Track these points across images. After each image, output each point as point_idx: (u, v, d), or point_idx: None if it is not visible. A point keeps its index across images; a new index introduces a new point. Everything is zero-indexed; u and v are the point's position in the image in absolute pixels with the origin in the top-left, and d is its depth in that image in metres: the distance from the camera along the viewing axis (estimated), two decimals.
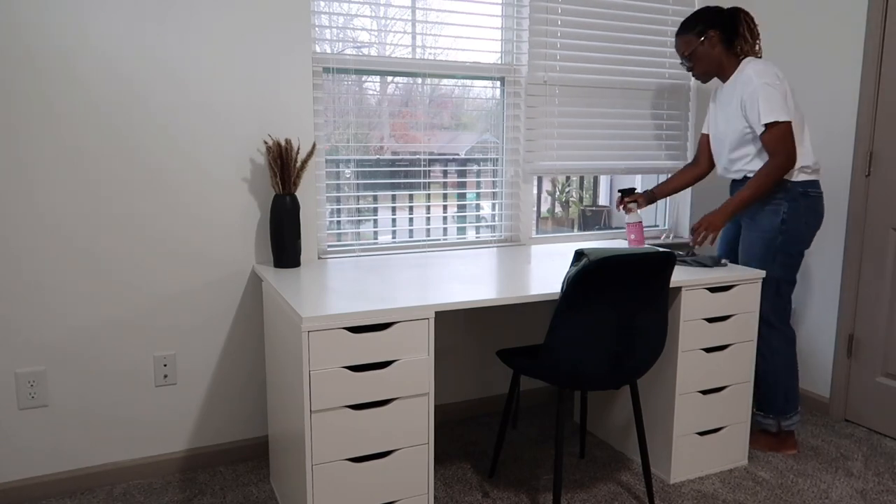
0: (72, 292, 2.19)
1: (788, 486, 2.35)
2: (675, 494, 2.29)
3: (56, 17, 2.05)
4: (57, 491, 2.24)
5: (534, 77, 2.82)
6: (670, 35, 3.08)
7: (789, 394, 2.53)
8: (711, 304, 2.30)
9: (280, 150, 2.24)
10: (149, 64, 2.18)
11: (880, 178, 2.72)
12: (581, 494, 2.28)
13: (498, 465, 2.48)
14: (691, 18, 2.50)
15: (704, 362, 2.33)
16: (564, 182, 3.91)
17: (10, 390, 2.15)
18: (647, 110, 3.10)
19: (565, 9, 2.84)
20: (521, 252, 2.73)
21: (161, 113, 2.22)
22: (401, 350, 1.83)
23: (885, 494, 2.30)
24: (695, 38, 2.48)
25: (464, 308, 1.89)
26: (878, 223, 2.73)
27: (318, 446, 1.77)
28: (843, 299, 2.86)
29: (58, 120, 2.10)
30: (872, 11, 2.68)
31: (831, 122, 2.88)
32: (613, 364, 1.99)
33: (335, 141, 2.55)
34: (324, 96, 2.47)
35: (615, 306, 1.93)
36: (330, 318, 1.73)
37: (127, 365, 2.29)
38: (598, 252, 1.88)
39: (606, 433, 2.68)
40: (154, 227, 2.27)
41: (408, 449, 1.88)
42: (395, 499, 1.89)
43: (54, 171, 2.12)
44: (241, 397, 2.47)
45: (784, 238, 2.42)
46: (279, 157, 2.24)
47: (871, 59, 2.70)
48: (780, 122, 2.29)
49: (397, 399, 1.84)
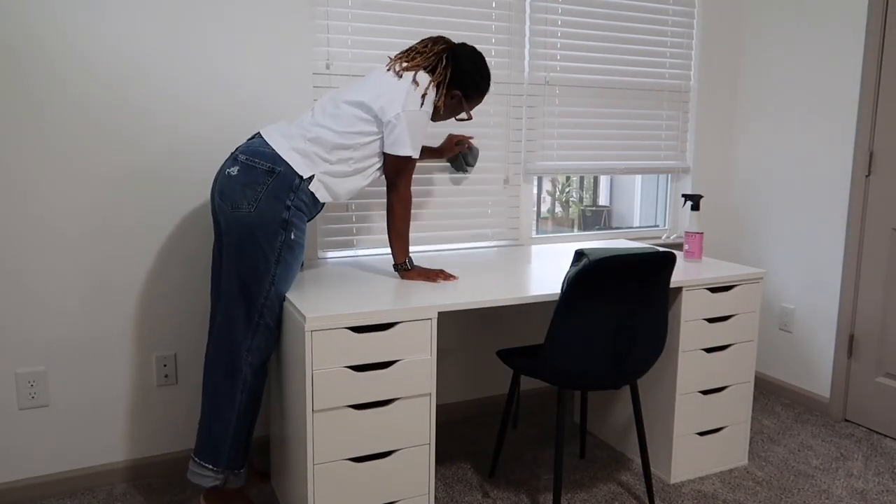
0: (72, 292, 2.19)
1: (788, 486, 2.35)
2: (675, 494, 2.29)
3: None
4: (57, 491, 2.23)
5: (534, 77, 2.82)
6: (670, 35, 3.09)
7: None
8: (712, 304, 2.30)
9: None
10: (150, 69, 2.18)
11: (880, 178, 2.72)
12: (581, 494, 2.29)
13: (498, 465, 2.48)
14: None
15: (705, 362, 2.33)
16: (564, 182, 3.92)
17: (10, 390, 2.15)
18: (647, 110, 3.10)
19: (565, 9, 2.84)
20: (521, 252, 2.73)
21: (163, 114, 2.22)
22: (403, 350, 1.83)
23: (885, 494, 2.31)
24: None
25: (465, 308, 1.89)
26: (878, 223, 2.73)
27: (320, 446, 1.77)
28: (843, 299, 2.87)
29: (57, 119, 2.10)
30: (872, 12, 2.68)
31: (831, 122, 2.88)
32: (613, 364, 1.99)
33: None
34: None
35: (615, 306, 1.93)
36: (333, 318, 1.72)
37: (127, 365, 2.29)
38: (598, 252, 1.88)
39: (606, 433, 2.68)
40: (154, 228, 2.27)
41: (409, 449, 1.88)
42: (395, 499, 1.89)
43: (54, 170, 2.12)
44: None
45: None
46: None
47: (871, 59, 2.70)
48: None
49: (399, 399, 1.84)
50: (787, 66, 3.05)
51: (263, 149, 1.91)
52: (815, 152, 2.96)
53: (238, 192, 1.86)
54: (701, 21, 3.14)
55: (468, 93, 2.14)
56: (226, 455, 1.96)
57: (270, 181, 1.87)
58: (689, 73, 3.18)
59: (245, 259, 1.86)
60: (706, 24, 3.15)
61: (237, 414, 1.95)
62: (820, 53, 2.91)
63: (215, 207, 1.97)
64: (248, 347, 1.91)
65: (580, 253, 1.91)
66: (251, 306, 1.89)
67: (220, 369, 1.94)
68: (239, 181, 1.87)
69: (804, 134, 3.00)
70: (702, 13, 3.13)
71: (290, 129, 1.97)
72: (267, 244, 1.86)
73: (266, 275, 1.87)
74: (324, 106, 2.01)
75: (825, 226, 2.93)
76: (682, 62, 3.15)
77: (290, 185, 1.89)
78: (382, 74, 2.04)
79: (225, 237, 1.90)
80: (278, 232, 1.87)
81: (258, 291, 1.88)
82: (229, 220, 1.87)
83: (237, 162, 1.91)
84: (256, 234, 1.85)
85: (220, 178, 1.93)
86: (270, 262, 1.87)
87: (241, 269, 1.87)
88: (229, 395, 1.94)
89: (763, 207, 3.22)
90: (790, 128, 3.06)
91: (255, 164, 1.88)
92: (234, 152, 1.96)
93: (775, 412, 2.99)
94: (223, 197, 1.89)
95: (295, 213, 1.90)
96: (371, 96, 1.97)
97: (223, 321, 1.92)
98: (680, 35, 3.12)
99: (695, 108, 3.20)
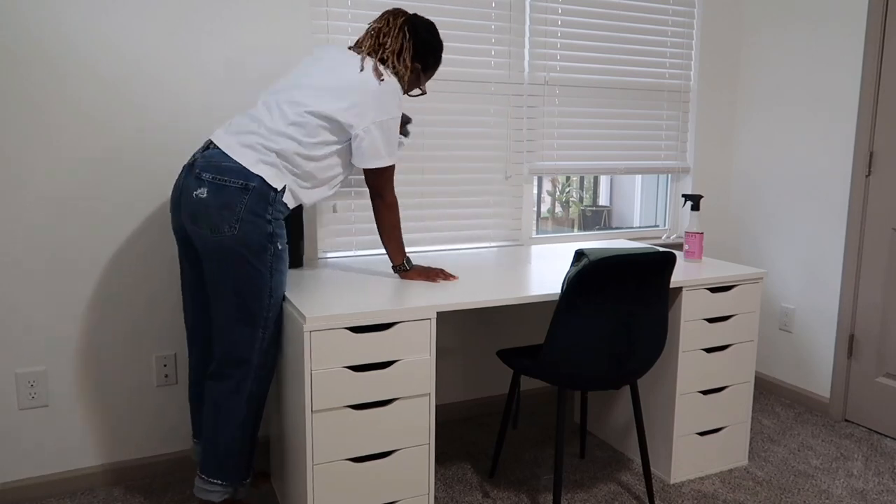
0: (72, 292, 2.19)
1: (788, 486, 2.35)
2: (675, 494, 2.29)
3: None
4: (57, 491, 2.23)
5: (534, 77, 2.82)
6: (670, 35, 3.09)
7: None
8: (712, 304, 2.30)
9: None
10: (150, 68, 2.18)
11: (880, 178, 2.72)
12: (581, 494, 2.28)
13: (498, 465, 2.48)
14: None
15: (705, 362, 2.33)
16: (564, 182, 3.92)
17: (10, 390, 2.15)
18: (647, 110, 3.10)
19: (565, 9, 2.84)
20: (521, 252, 2.73)
21: (160, 115, 2.22)
22: (402, 350, 1.83)
23: (885, 494, 2.30)
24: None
25: (465, 308, 1.89)
26: (878, 223, 2.73)
27: (319, 446, 1.77)
28: (843, 299, 2.86)
29: (57, 118, 2.10)
30: (872, 12, 2.68)
31: (831, 122, 2.88)
32: (614, 364, 1.99)
33: None
34: None
35: (615, 306, 1.93)
36: (332, 318, 1.72)
37: (127, 365, 2.29)
38: (598, 252, 1.88)
39: (606, 433, 2.68)
40: (155, 228, 2.27)
41: (408, 449, 1.88)
42: (395, 499, 1.89)
43: (53, 169, 2.12)
44: None
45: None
46: None
47: (871, 58, 2.70)
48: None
49: (398, 399, 1.84)
50: (787, 66, 3.05)
51: (228, 163, 1.81)
52: (815, 152, 2.96)
53: (215, 215, 1.78)
54: (701, 21, 3.14)
55: (427, 63, 2.09)
56: (234, 469, 1.94)
57: (247, 199, 1.79)
58: (689, 73, 3.18)
59: (239, 280, 1.82)
60: (706, 24, 3.15)
61: (243, 428, 1.93)
62: (820, 53, 2.91)
63: (186, 230, 1.90)
64: (257, 364, 1.89)
65: (580, 253, 1.91)
66: (255, 323, 1.86)
67: (224, 389, 1.90)
68: (213, 204, 1.78)
69: (804, 134, 3.00)
70: (702, 13, 3.13)
71: (249, 137, 1.85)
72: (258, 260, 1.82)
73: (264, 289, 1.85)
74: (281, 108, 1.88)
75: (825, 226, 2.93)
76: (682, 62, 3.15)
77: (267, 199, 1.82)
78: (346, 69, 1.92)
79: (209, 262, 1.84)
80: (266, 246, 1.83)
81: (259, 307, 1.85)
82: (211, 245, 1.81)
83: (203, 182, 1.80)
84: (245, 254, 1.80)
85: (187, 201, 1.82)
86: (265, 275, 1.84)
87: (237, 289, 1.82)
88: (234, 411, 1.91)
89: (763, 207, 3.22)
90: (790, 127, 3.06)
91: (225, 182, 1.79)
92: (192, 168, 1.85)
93: (775, 412, 2.99)
94: (197, 222, 1.81)
95: (277, 224, 1.86)
96: (338, 108, 1.88)
97: (226, 344, 1.87)
98: (680, 35, 3.12)
99: (695, 108, 3.20)
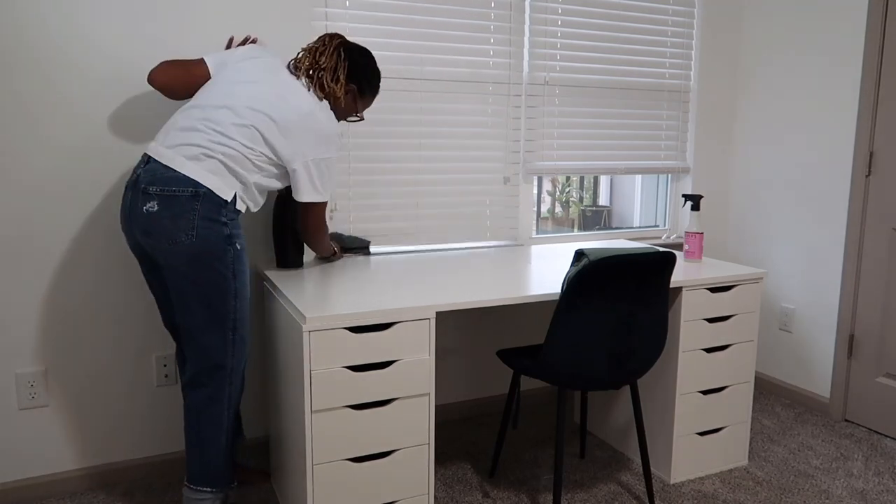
0: (72, 292, 2.19)
1: (788, 486, 2.35)
2: (675, 494, 2.29)
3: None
4: (57, 491, 2.23)
5: (533, 77, 2.82)
6: (670, 35, 3.09)
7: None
8: (712, 304, 2.30)
9: None
10: (146, 66, 2.19)
11: (880, 178, 2.72)
12: (581, 494, 2.28)
13: (498, 465, 2.48)
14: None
15: (705, 362, 2.33)
16: (564, 182, 3.92)
17: (10, 390, 2.15)
18: (647, 110, 3.10)
19: (565, 9, 2.84)
20: (521, 252, 2.73)
21: (157, 114, 2.22)
22: (402, 350, 1.83)
23: (885, 494, 2.30)
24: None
25: (464, 308, 1.89)
26: (878, 223, 2.73)
27: (319, 446, 1.77)
28: (843, 299, 2.86)
29: (55, 117, 2.10)
30: (872, 12, 2.68)
31: (831, 123, 2.88)
32: (613, 364, 1.99)
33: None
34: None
35: (615, 306, 1.93)
36: (331, 319, 1.73)
37: (127, 365, 2.29)
38: (598, 252, 1.88)
39: (606, 433, 2.68)
40: None
41: (408, 449, 1.88)
42: (395, 499, 1.89)
43: (53, 169, 2.12)
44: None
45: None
46: None
47: (871, 59, 2.70)
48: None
49: (398, 399, 1.84)
50: (787, 66, 3.05)
51: (172, 174, 1.78)
52: (815, 152, 2.96)
53: (169, 227, 1.77)
54: (701, 21, 3.14)
55: (362, 86, 2.10)
56: (222, 475, 1.97)
57: (199, 205, 1.78)
58: (689, 73, 3.18)
59: (203, 286, 1.83)
60: (706, 24, 3.15)
61: (225, 434, 1.95)
62: (820, 53, 2.91)
63: (142, 246, 1.89)
64: (231, 367, 1.91)
65: (580, 253, 1.91)
66: (224, 327, 1.87)
67: (202, 397, 1.91)
68: (165, 216, 1.77)
69: (804, 134, 3.00)
70: (702, 13, 3.13)
71: (192, 149, 1.81)
72: (219, 264, 1.83)
73: (229, 292, 1.86)
74: (223, 119, 1.84)
75: (825, 226, 2.93)
76: (682, 62, 3.15)
77: (220, 202, 1.82)
78: (295, 98, 1.92)
79: (171, 273, 1.83)
80: (226, 249, 1.83)
81: (226, 310, 1.87)
82: (172, 256, 1.80)
83: (151, 196, 1.77)
84: (206, 260, 1.81)
85: (138, 217, 1.80)
86: (228, 278, 1.85)
87: (202, 296, 1.83)
88: (217, 418, 1.93)
89: (763, 207, 3.22)
90: (790, 128, 3.06)
91: (174, 192, 1.77)
92: (136, 185, 1.81)
93: (775, 412, 2.99)
94: (152, 236, 1.79)
95: (233, 225, 1.86)
96: (281, 143, 1.89)
97: (199, 352, 1.88)
98: (680, 35, 3.12)
99: (695, 108, 3.20)
